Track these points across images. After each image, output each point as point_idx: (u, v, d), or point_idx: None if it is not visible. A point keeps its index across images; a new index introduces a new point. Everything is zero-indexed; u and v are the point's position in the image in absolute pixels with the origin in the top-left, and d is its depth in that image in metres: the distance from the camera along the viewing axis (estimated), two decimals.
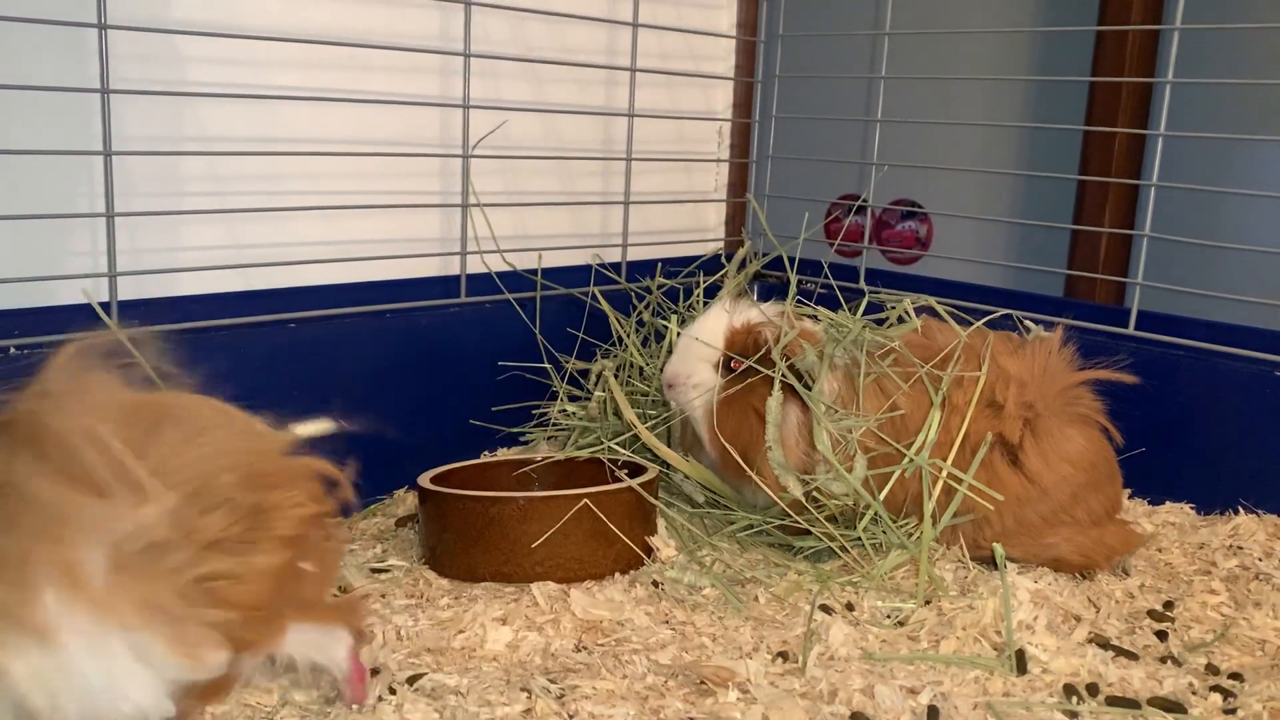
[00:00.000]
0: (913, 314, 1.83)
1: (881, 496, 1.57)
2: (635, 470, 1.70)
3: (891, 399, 1.61)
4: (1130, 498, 1.95)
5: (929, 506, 1.56)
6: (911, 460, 1.57)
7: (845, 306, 1.78)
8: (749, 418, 1.65)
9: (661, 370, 1.80)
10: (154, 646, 0.94)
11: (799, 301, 2.02)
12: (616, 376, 2.07)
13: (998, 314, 1.80)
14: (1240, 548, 1.73)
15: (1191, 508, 1.91)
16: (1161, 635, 1.46)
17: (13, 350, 1.57)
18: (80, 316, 1.66)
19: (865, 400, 1.61)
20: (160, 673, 0.95)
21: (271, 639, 1.06)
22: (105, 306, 1.67)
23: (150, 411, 1.04)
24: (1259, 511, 1.83)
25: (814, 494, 1.60)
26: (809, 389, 1.61)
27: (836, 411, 1.60)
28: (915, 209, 3.27)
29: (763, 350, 1.64)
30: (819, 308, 1.79)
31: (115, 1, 1.62)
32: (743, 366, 1.66)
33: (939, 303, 1.91)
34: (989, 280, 2.38)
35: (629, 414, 1.74)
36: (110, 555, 0.93)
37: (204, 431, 1.04)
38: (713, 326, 1.72)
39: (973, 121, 2.51)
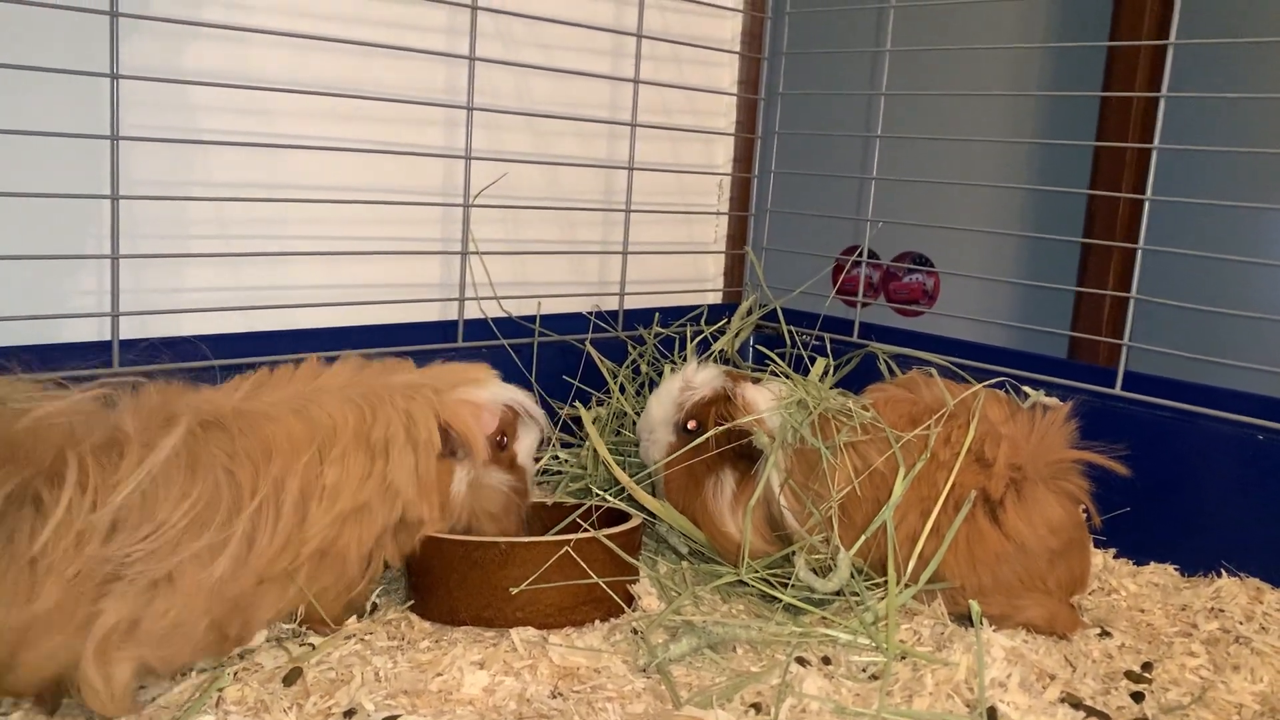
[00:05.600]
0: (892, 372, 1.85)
1: (852, 551, 1.59)
2: (621, 518, 1.72)
3: (871, 467, 1.63)
4: (1115, 558, 1.96)
5: (894, 582, 1.57)
6: (879, 521, 1.59)
7: (813, 372, 1.80)
8: (692, 482, 1.72)
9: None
10: None
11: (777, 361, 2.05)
12: (609, 424, 2.10)
13: (993, 381, 1.82)
14: (1222, 610, 1.73)
15: (1175, 569, 1.91)
16: (1137, 696, 1.46)
17: None
18: (84, 353, 1.71)
19: (839, 460, 1.64)
20: None
21: None
22: (107, 345, 1.71)
23: None
24: (1241, 574, 1.84)
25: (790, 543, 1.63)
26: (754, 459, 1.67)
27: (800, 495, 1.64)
28: (922, 263, 3.30)
29: (716, 426, 1.70)
30: (794, 375, 1.81)
31: (128, 51, 1.69)
32: (694, 440, 1.73)
33: (941, 359, 1.93)
34: (993, 338, 2.40)
35: (606, 456, 1.77)
36: None
37: None
38: (670, 390, 1.79)
39: (970, 182, 2.55)
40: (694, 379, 1.77)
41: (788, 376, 1.78)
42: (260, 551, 1.31)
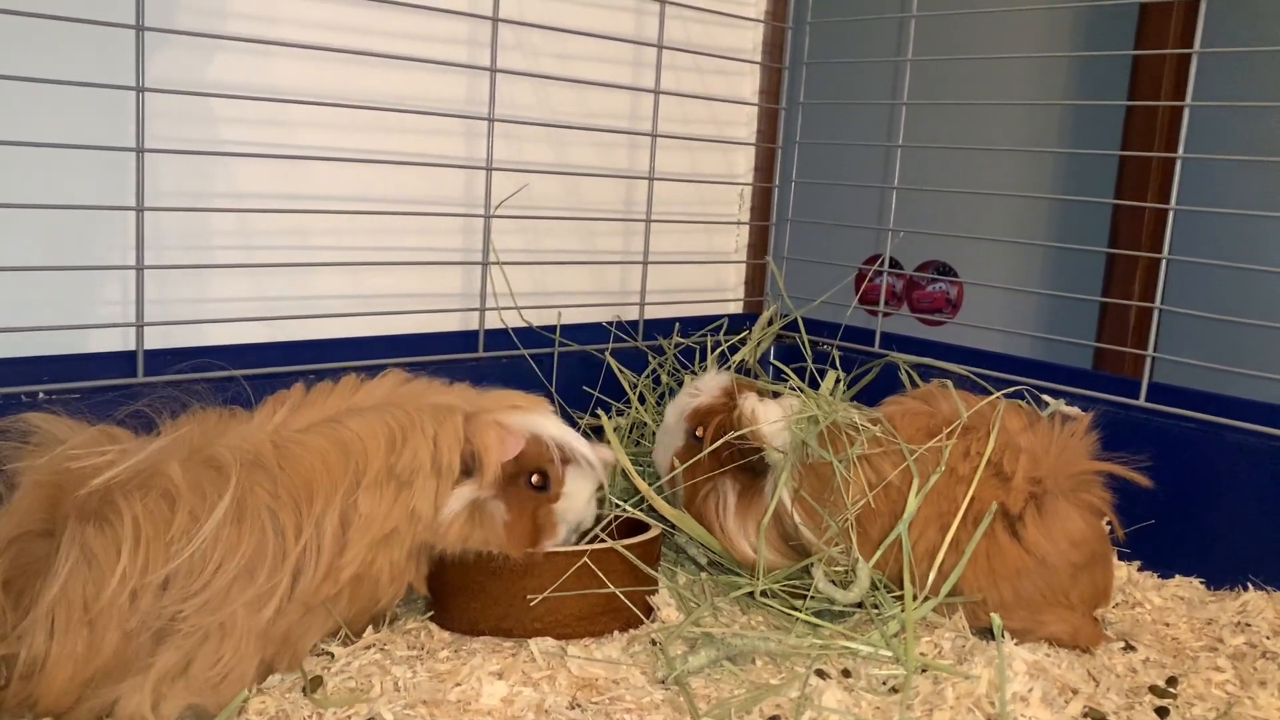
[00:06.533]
0: (915, 379, 1.84)
1: (871, 562, 1.58)
2: (640, 529, 1.71)
3: (885, 481, 1.62)
4: (1140, 570, 1.94)
5: (910, 595, 1.56)
6: (893, 535, 1.59)
7: (824, 385, 1.79)
8: (700, 492, 1.72)
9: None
10: None
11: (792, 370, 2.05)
12: (629, 434, 2.10)
13: (1011, 389, 1.80)
14: (1248, 624, 1.71)
15: (1201, 582, 1.89)
16: (1162, 712, 1.45)
17: (41, 395, 1.63)
18: (108, 364, 1.73)
19: (852, 474, 1.63)
20: None
21: None
22: (132, 356, 1.73)
23: None
24: (1268, 588, 1.82)
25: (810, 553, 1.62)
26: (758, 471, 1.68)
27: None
28: (945, 272, 3.28)
29: (720, 437, 1.70)
30: (807, 390, 1.80)
31: (152, 64, 1.70)
32: (701, 451, 1.73)
33: (963, 369, 1.92)
34: (1017, 349, 2.39)
35: (627, 465, 1.77)
36: None
37: None
38: (681, 396, 1.80)
39: (992, 191, 2.53)
40: (700, 384, 1.78)
41: (801, 391, 1.77)
42: (305, 584, 1.35)
